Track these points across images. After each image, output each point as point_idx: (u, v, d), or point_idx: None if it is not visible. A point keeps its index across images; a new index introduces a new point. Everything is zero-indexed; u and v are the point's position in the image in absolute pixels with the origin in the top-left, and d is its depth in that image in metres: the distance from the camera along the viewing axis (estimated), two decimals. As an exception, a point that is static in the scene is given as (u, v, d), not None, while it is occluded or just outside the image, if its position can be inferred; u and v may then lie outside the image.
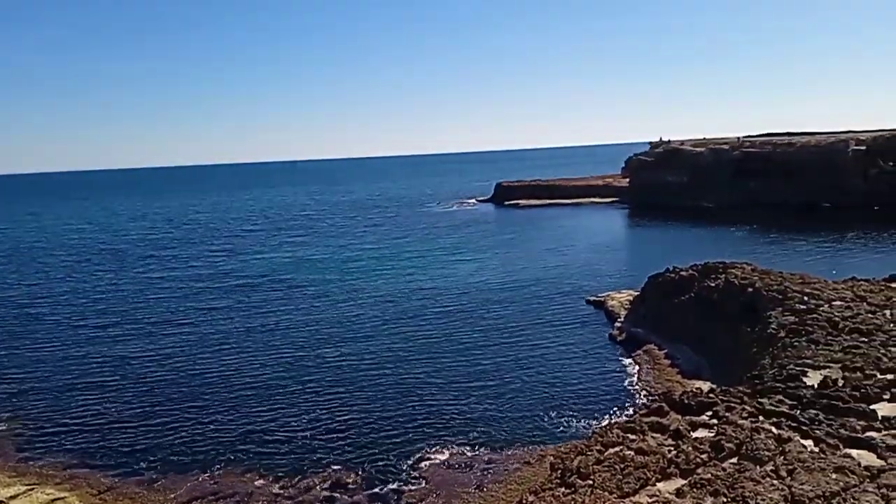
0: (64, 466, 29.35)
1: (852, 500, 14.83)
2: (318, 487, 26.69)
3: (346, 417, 33.24)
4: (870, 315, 31.05)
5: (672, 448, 18.75)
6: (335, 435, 31.35)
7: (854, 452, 17.34)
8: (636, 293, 50.50)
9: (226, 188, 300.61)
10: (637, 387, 35.85)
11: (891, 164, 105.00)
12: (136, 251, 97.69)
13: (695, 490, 16.22)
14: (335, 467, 28.15)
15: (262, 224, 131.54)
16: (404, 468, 27.86)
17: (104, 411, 35.30)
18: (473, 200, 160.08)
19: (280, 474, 27.88)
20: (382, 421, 32.60)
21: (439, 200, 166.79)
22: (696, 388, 26.28)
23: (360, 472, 27.64)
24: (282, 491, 26.61)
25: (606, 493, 16.59)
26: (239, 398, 36.40)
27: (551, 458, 22.88)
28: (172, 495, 26.45)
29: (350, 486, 26.72)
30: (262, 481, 27.42)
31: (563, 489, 17.62)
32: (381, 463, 28.40)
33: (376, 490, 26.24)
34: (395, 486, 26.52)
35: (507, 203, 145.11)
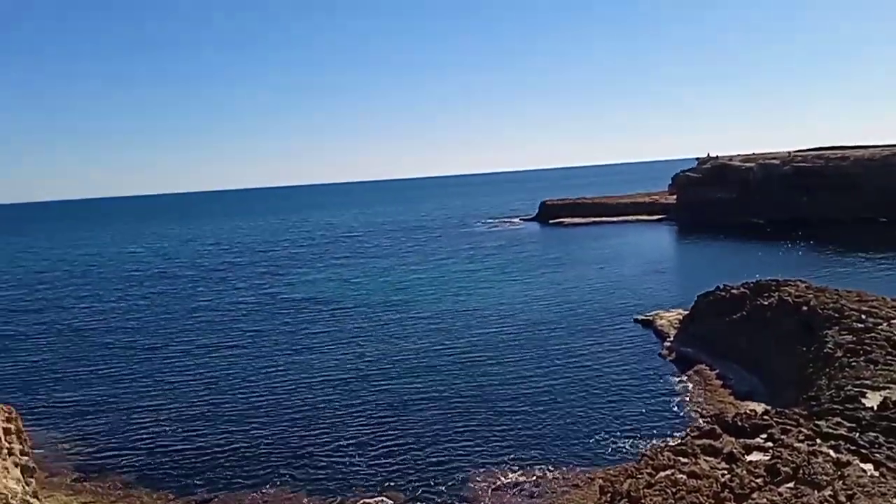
0: (118, 486, 30.05)
1: (918, 528, 14.23)
2: (363, 507, 26.74)
3: (392, 439, 33.30)
4: (932, 334, 29.91)
5: (725, 472, 18.31)
6: (381, 457, 31.42)
7: (918, 478, 16.67)
8: (685, 312, 49.61)
9: (271, 211, 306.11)
10: (688, 408, 35.10)
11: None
12: (186, 274, 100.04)
13: (750, 515, 15.79)
14: (381, 489, 28.20)
15: (307, 246, 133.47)
16: (450, 491, 27.73)
17: (157, 432, 36.08)
18: (518, 219, 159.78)
19: (327, 496, 28.07)
20: (428, 443, 32.56)
21: (483, 220, 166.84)
22: (750, 410, 25.62)
23: (405, 494, 27.63)
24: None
25: (658, 518, 16.27)
26: (287, 420, 36.81)
27: (600, 480, 22.58)
28: (223, 515, 26.81)
29: (397, 505, 26.71)
30: (308, 501, 27.61)
31: (612, 513, 17.34)
32: (427, 485, 28.32)
33: (425, 511, 26.18)
34: (443, 506, 26.40)
35: (551, 221, 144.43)
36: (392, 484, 28.59)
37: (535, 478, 28.22)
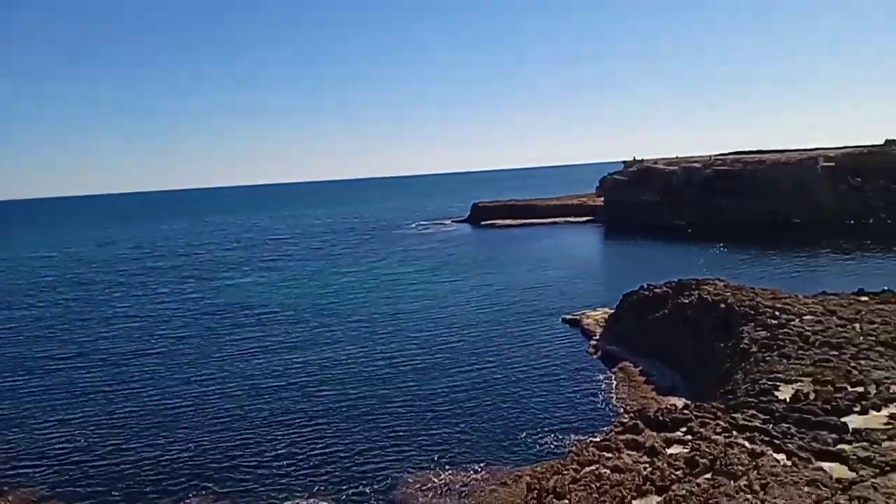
0: (32, 499, 28.55)
1: (825, 513, 14.86)
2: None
3: (319, 444, 32.77)
4: (840, 329, 31.46)
5: (647, 465, 18.73)
6: (308, 462, 30.88)
7: (826, 465, 17.45)
8: (611, 311, 50.72)
9: (196, 213, 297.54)
10: (613, 404, 35.83)
11: (858, 179, 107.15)
12: (103, 279, 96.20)
13: (669, 507, 16.18)
14: (308, 494, 27.70)
15: (234, 249, 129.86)
16: (379, 494, 27.46)
17: (72, 445, 34.39)
18: (449, 221, 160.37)
19: (252, 503, 27.36)
20: (357, 446, 32.18)
21: (416, 222, 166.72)
22: (671, 405, 26.32)
23: (333, 499, 27.21)
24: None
25: (581, 513, 16.48)
26: (211, 430, 35.68)
27: (528, 478, 22.73)
28: (142, 527, 25.80)
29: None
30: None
31: (538, 510, 17.48)
32: (355, 489, 27.98)
33: (352, 516, 25.84)
34: (370, 511, 26.11)
35: (483, 223, 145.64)
36: (320, 489, 28.12)
37: (464, 477, 28.24)
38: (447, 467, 29.28)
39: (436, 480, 28.20)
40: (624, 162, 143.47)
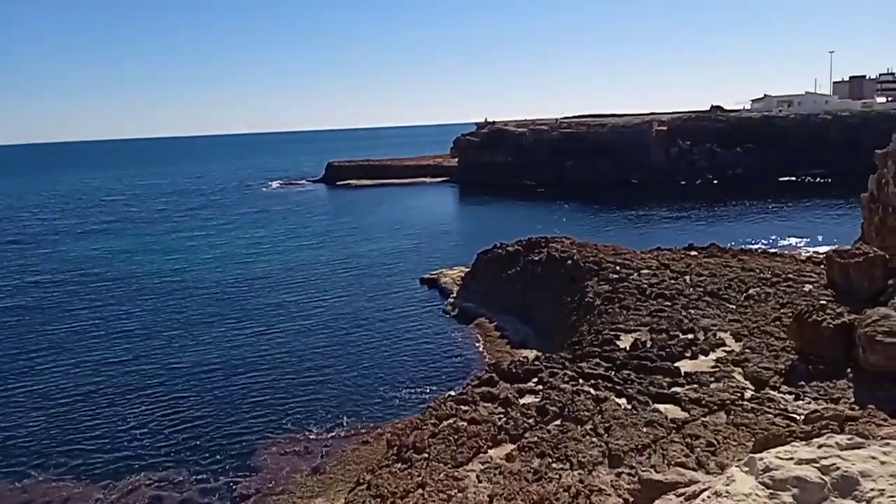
0: None
1: (661, 451, 16.29)
2: (143, 487, 25.15)
3: (172, 416, 31.46)
4: (672, 281, 34.19)
5: (502, 416, 19.61)
6: (162, 434, 29.61)
7: (662, 407, 19.06)
8: (467, 269, 52.05)
9: (9, 171, 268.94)
10: (470, 359, 37.07)
11: (688, 143, 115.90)
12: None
13: (523, 453, 17.09)
14: (163, 466, 26.67)
15: (63, 212, 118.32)
16: (238, 460, 26.92)
17: None
18: (304, 181, 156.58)
19: (102, 478, 25.98)
20: (214, 418, 31.19)
21: (268, 182, 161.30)
22: (524, 357, 27.60)
23: (190, 469, 26.37)
24: (103, 494, 24.80)
25: (441, 465, 17.04)
26: (50, 408, 33.16)
27: (388, 434, 23.13)
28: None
29: (179, 482, 25.43)
30: (81, 486, 25.41)
31: (399, 465, 17.87)
32: (213, 458, 27.25)
33: (208, 485, 25.17)
34: (228, 478, 25.57)
35: (338, 183, 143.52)
36: (173, 460, 27.13)
37: (325, 438, 28.30)
38: (308, 430, 29.17)
39: (296, 444, 28.04)
40: (476, 124, 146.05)
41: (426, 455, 17.82)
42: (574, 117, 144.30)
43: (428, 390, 32.70)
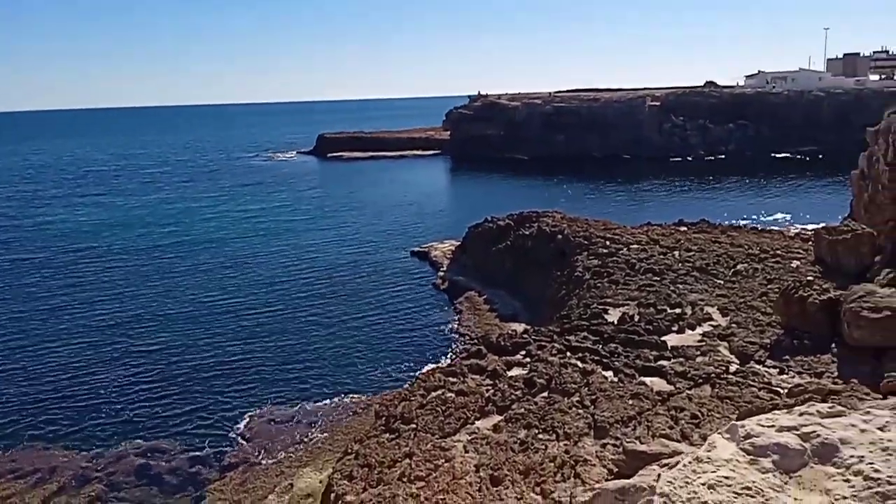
0: None
1: (646, 423, 16.45)
2: (131, 455, 25.27)
3: (161, 386, 31.53)
4: (661, 256, 34.32)
5: (490, 387, 19.72)
6: (150, 404, 29.69)
7: (648, 380, 19.21)
8: (458, 243, 52.03)
9: None
10: (459, 332, 37.21)
11: (681, 118, 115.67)
12: None
13: (510, 424, 17.22)
14: (151, 435, 26.77)
15: (46, 182, 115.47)
16: (226, 430, 27.08)
17: None
18: (294, 153, 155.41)
19: (89, 446, 26.08)
20: (201, 387, 31.27)
21: (258, 153, 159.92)
22: (512, 331, 27.74)
23: (178, 438, 26.51)
24: (90, 463, 24.90)
25: (429, 435, 17.15)
26: (32, 373, 33.21)
27: (377, 406, 23.23)
28: (-40, 481, 23.81)
29: (168, 451, 25.58)
30: (67, 455, 25.50)
31: (387, 435, 17.98)
32: (202, 427, 27.40)
33: (197, 453, 25.33)
34: (217, 446, 25.74)
35: (329, 155, 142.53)
36: (162, 429, 27.23)
37: (314, 410, 28.45)
38: (297, 401, 29.31)
39: (285, 413, 28.22)
40: (469, 96, 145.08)
41: (414, 426, 17.93)
42: (568, 91, 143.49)
43: (417, 362, 32.86)
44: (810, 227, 45.23)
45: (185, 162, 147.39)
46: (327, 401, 29.18)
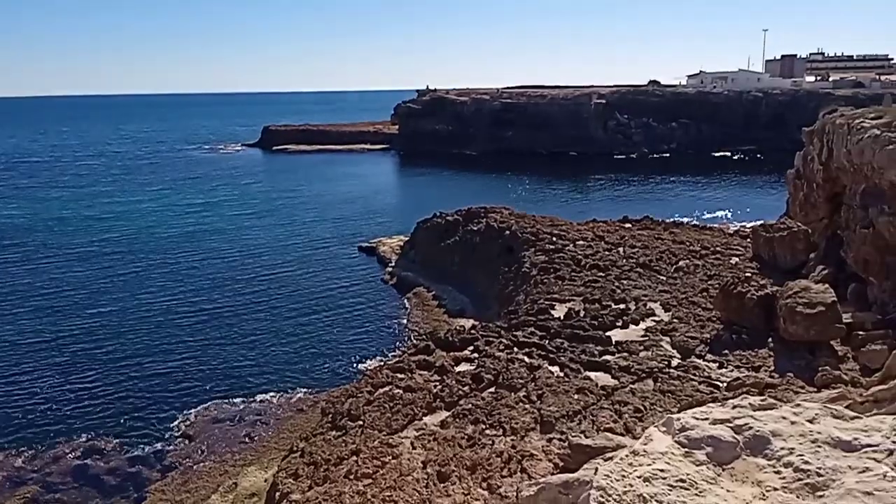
0: None
1: (591, 417, 16.74)
2: (69, 456, 24.53)
3: (99, 385, 30.61)
4: (606, 252, 34.91)
5: (438, 383, 19.77)
6: (88, 403, 28.82)
7: (593, 375, 19.55)
8: (406, 238, 51.94)
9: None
10: (407, 328, 37.16)
11: (626, 117, 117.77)
12: None
13: (458, 420, 17.30)
14: (89, 435, 25.98)
15: None
16: (169, 428, 26.48)
17: None
18: (239, 145, 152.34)
19: (24, 447, 25.18)
20: (140, 384, 30.49)
21: (199, 145, 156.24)
22: (460, 326, 27.85)
23: (118, 438, 25.81)
24: (26, 464, 24.07)
25: (376, 432, 17.11)
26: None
27: (323, 403, 23.05)
28: None
29: (107, 451, 24.90)
30: (1, 455, 24.58)
31: (334, 432, 17.88)
32: (142, 426, 26.73)
33: (137, 453, 24.72)
34: (158, 446, 25.15)
35: (275, 148, 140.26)
36: (100, 429, 26.45)
37: (259, 407, 28.05)
38: (241, 398, 28.84)
39: (230, 411, 27.74)
40: (417, 91, 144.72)
41: (361, 422, 17.87)
42: (515, 87, 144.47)
43: (364, 358, 32.71)
44: (749, 224, 46.63)
45: (116, 155, 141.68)
46: (273, 398, 28.81)
